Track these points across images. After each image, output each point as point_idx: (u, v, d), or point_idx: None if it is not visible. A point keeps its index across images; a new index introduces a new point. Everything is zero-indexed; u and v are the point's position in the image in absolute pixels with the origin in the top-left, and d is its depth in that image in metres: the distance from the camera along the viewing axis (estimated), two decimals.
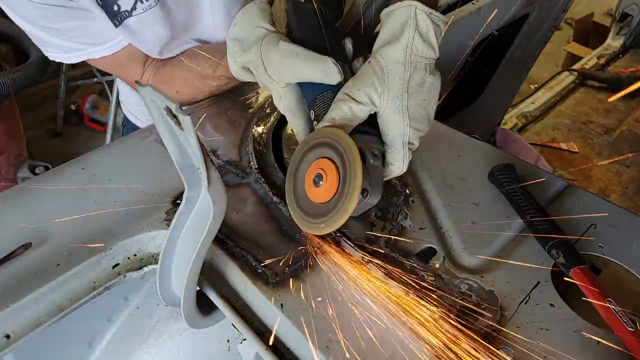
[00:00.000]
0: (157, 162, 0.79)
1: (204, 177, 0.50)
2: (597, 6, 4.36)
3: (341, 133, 0.60)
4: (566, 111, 3.20)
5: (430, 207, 0.78)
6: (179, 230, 0.60)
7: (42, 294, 0.61)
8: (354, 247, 0.68)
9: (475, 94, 2.14)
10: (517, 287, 0.66)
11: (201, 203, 0.57)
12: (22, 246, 0.65)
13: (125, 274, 0.67)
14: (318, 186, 0.61)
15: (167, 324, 0.83)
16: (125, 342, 0.80)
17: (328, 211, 0.60)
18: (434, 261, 0.69)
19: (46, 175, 0.77)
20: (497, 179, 0.79)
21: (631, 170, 2.73)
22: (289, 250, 0.68)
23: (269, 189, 0.75)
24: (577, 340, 0.60)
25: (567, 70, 3.50)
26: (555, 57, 4.01)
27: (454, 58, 1.63)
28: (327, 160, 0.61)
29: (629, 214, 0.78)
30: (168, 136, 0.51)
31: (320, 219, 0.61)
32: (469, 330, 0.60)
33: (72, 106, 3.14)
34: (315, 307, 0.61)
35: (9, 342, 0.58)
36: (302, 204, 0.64)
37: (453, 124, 0.93)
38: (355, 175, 0.58)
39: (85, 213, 0.71)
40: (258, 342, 0.61)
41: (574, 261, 0.66)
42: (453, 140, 0.91)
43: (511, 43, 1.98)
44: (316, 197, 0.62)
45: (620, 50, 3.64)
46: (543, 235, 0.70)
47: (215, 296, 0.65)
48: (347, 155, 0.59)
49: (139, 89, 0.48)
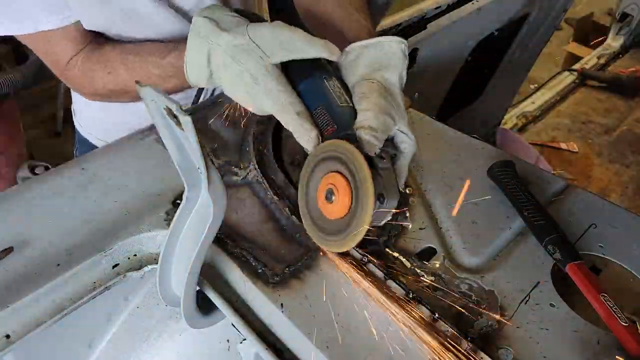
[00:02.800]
0: (157, 162, 0.79)
1: (204, 177, 0.50)
2: (597, 6, 4.36)
3: (344, 143, 0.59)
4: (566, 111, 3.20)
5: (430, 207, 0.78)
6: (179, 230, 0.60)
7: (42, 294, 0.61)
8: (354, 247, 0.68)
9: (475, 94, 2.14)
10: (517, 287, 0.66)
11: (201, 203, 0.57)
12: (4, 250, 0.65)
13: (125, 274, 0.67)
14: (331, 202, 0.60)
15: (167, 324, 0.83)
16: (125, 342, 0.80)
17: (347, 225, 0.59)
18: (434, 261, 0.69)
19: (46, 175, 0.77)
20: (496, 175, 0.79)
21: (631, 170, 2.73)
22: (289, 250, 0.68)
23: (269, 189, 0.75)
24: (577, 340, 0.60)
25: (567, 70, 3.50)
26: (555, 57, 4.01)
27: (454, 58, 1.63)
28: (336, 174, 0.59)
29: (629, 214, 0.78)
30: (168, 136, 0.51)
31: (341, 234, 0.59)
32: (469, 330, 0.60)
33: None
34: (315, 307, 0.61)
35: (9, 342, 0.58)
36: (319, 223, 0.63)
37: (453, 124, 0.93)
38: (365, 183, 0.56)
39: (85, 213, 0.71)
40: (258, 342, 0.61)
41: (570, 256, 0.66)
42: (453, 140, 0.91)
43: (511, 43, 1.98)
44: (332, 214, 0.60)
45: (620, 50, 3.64)
46: (541, 232, 0.70)
47: (215, 296, 0.65)
48: (353, 164, 0.57)
49: (139, 88, 0.48)
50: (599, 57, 3.61)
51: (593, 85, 3.38)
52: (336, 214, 0.59)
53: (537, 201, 0.74)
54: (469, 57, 1.69)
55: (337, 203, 0.59)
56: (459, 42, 1.57)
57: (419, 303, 0.62)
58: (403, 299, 0.63)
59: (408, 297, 0.63)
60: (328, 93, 0.66)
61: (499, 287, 0.66)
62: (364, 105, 0.64)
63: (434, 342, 0.58)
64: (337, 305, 0.61)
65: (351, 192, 0.57)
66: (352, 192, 0.57)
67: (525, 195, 0.75)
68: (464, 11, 1.46)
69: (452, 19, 1.42)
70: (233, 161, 0.81)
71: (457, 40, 1.54)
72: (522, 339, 0.60)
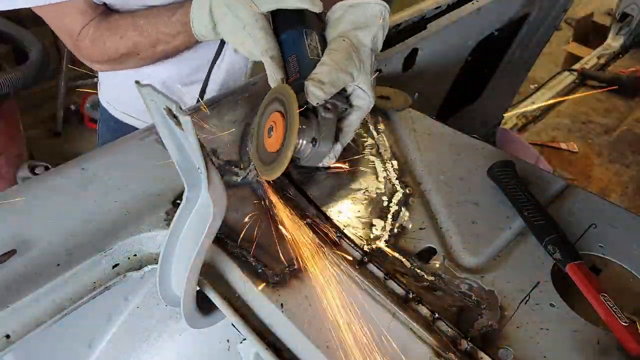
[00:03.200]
0: (157, 162, 0.79)
1: (204, 177, 0.50)
2: (597, 6, 4.35)
3: (288, 88, 0.68)
4: (566, 111, 3.20)
5: (430, 207, 0.78)
6: (179, 230, 0.60)
7: (42, 294, 0.61)
8: (354, 247, 0.68)
9: (475, 94, 2.14)
10: (517, 287, 0.66)
11: (201, 203, 0.57)
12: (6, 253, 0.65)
13: (125, 274, 0.67)
14: (270, 136, 0.70)
15: (167, 324, 0.83)
16: (125, 342, 0.80)
17: (277, 157, 0.69)
18: (434, 261, 0.69)
19: (46, 175, 0.77)
20: (496, 175, 0.79)
21: (631, 170, 2.73)
22: (289, 250, 0.68)
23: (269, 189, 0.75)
24: (577, 340, 0.60)
25: (567, 70, 3.50)
26: (555, 57, 4.01)
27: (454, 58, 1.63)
28: (277, 114, 0.69)
29: (629, 214, 0.78)
30: (168, 136, 0.51)
31: (271, 164, 0.70)
32: (469, 330, 0.60)
33: (72, 106, 3.14)
34: (315, 307, 0.61)
35: (9, 342, 0.58)
36: (262, 156, 0.73)
37: (453, 124, 0.93)
38: (291, 120, 0.66)
39: (85, 213, 0.71)
40: (258, 342, 0.61)
41: (570, 256, 0.66)
42: (453, 140, 0.91)
43: (511, 43, 1.98)
44: (270, 147, 0.71)
45: (620, 50, 3.64)
46: (541, 232, 0.70)
47: (215, 296, 0.65)
48: (288, 107, 0.67)
49: (139, 88, 0.48)
50: (599, 57, 3.61)
51: (593, 85, 3.38)
52: (273, 147, 0.70)
53: (537, 201, 0.74)
54: (469, 57, 1.69)
55: (274, 137, 0.69)
56: (459, 42, 1.56)
57: (419, 303, 0.62)
58: (403, 299, 0.63)
59: (408, 297, 0.63)
60: (303, 45, 0.75)
61: (499, 287, 0.66)
62: (324, 59, 0.72)
63: (434, 342, 0.58)
64: (337, 305, 0.61)
65: (284, 128, 0.68)
66: (285, 129, 0.68)
67: (525, 195, 0.75)
68: (464, 11, 1.46)
69: (452, 19, 1.42)
70: (233, 161, 0.81)
71: (457, 40, 1.54)
72: (522, 339, 0.60)
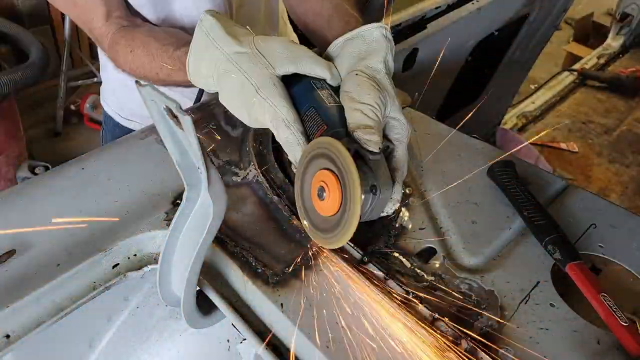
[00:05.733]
0: (157, 162, 0.79)
1: (204, 177, 0.50)
2: (597, 6, 4.36)
3: (328, 139, 0.59)
4: (566, 111, 3.21)
5: (430, 207, 0.78)
6: (179, 230, 0.60)
7: (42, 294, 0.61)
8: (354, 248, 0.68)
9: (475, 94, 2.14)
10: (517, 287, 0.66)
11: (201, 203, 0.57)
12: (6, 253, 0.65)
13: (125, 274, 0.67)
14: (323, 199, 0.60)
15: (167, 324, 0.83)
16: (125, 342, 0.80)
17: (340, 221, 0.59)
18: (434, 261, 0.69)
19: (46, 175, 0.77)
20: (496, 175, 0.79)
21: (631, 170, 2.74)
22: (289, 250, 0.68)
23: (269, 189, 0.75)
24: (577, 340, 0.60)
25: (567, 70, 3.51)
26: (555, 57, 4.01)
27: (454, 58, 1.63)
28: (325, 171, 0.59)
29: (629, 214, 0.78)
30: (168, 136, 0.51)
31: (335, 230, 0.59)
32: (469, 330, 0.60)
33: (72, 106, 3.14)
34: (315, 307, 0.61)
35: (9, 342, 0.58)
36: (315, 221, 0.63)
37: (453, 124, 0.93)
38: (351, 175, 0.56)
39: (85, 213, 0.71)
40: (258, 342, 0.61)
41: (570, 256, 0.66)
42: (453, 140, 0.90)
43: (511, 43, 1.98)
44: (325, 211, 0.60)
45: (620, 50, 3.65)
46: (541, 232, 0.70)
47: (215, 296, 0.65)
48: (339, 159, 0.57)
49: (139, 88, 0.48)
50: (599, 57, 3.62)
51: (593, 85, 3.39)
52: (329, 211, 0.60)
53: (537, 201, 0.74)
54: (469, 57, 1.69)
55: (328, 199, 0.59)
56: (459, 42, 1.57)
57: (419, 303, 0.62)
58: (403, 299, 0.63)
59: (408, 297, 0.63)
60: (317, 96, 0.67)
61: (499, 287, 0.66)
62: (351, 104, 0.64)
63: (434, 342, 0.58)
64: (337, 305, 0.61)
65: (340, 187, 0.58)
66: (342, 187, 0.58)
67: (525, 195, 0.75)
68: (464, 11, 1.46)
69: (452, 19, 1.42)
70: (233, 161, 0.81)
71: (457, 40, 1.54)
72: (522, 339, 0.60)
